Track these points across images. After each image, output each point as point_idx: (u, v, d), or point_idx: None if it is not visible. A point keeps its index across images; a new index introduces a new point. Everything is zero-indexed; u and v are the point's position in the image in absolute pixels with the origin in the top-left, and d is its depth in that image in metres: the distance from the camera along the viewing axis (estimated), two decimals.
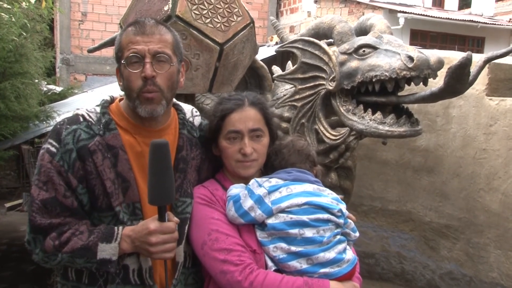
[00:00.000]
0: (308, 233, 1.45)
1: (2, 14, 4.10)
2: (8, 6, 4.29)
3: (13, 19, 4.21)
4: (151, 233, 1.34)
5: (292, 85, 2.80)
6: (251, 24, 2.59)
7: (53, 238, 1.38)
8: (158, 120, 1.51)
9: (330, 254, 1.45)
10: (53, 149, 1.41)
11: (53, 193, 1.39)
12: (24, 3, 4.57)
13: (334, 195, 1.59)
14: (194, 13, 2.34)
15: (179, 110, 1.64)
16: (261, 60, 3.24)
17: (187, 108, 1.69)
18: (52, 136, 1.44)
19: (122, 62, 1.43)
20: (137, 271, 1.45)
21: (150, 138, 1.44)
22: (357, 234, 1.62)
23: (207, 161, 1.64)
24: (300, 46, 2.72)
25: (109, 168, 1.42)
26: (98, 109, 1.50)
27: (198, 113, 1.72)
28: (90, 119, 1.47)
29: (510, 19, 16.17)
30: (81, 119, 1.46)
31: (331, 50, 2.62)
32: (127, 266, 1.44)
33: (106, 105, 1.52)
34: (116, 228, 1.41)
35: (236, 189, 1.54)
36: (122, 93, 1.56)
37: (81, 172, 1.40)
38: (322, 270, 1.44)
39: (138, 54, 1.40)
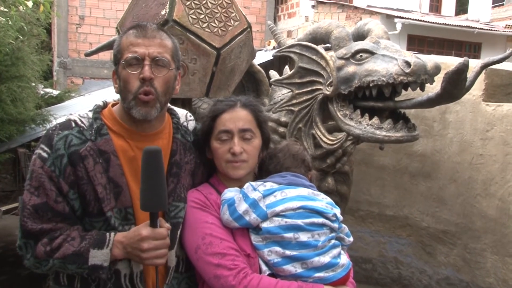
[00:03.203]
0: (303, 237, 1.45)
1: None
2: (5, 9, 4.29)
3: (10, 22, 4.21)
4: (143, 239, 1.33)
5: (289, 90, 2.80)
6: (249, 29, 2.60)
7: (44, 244, 1.38)
8: (152, 124, 1.51)
9: (325, 259, 1.45)
10: (44, 154, 1.41)
11: (44, 198, 1.39)
12: (21, 6, 4.57)
13: (329, 199, 1.58)
14: (191, 17, 2.34)
15: (173, 114, 1.63)
16: (258, 64, 3.25)
17: (181, 112, 1.69)
18: (44, 141, 1.44)
19: (121, 62, 1.43)
20: (128, 276, 1.45)
21: (143, 143, 1.45)
22: (351, 239, 1.62)
23: (202, 166, 1.64)
24: (297, 50, 2.72)
25: (101, 173, 1.41)
26: (90, 114, 1.50)
27: (192, 117, 1.72)
28: (82, 125, 1.46)
29: (507, 25, 16.26)
30: (73, 125, 1.46)
31: (328, 55, 2.62)
32: (118, 271, 1.44)
33: (98, 110, 1.52)
34: (108, 234, 1.40)
35: (230, 193, 1.54)
36: (117, 97, 1.55)
37: (72, 177, 1.40)
38: (317, 275, 1.44)
39: (138, 56, 1.41)
